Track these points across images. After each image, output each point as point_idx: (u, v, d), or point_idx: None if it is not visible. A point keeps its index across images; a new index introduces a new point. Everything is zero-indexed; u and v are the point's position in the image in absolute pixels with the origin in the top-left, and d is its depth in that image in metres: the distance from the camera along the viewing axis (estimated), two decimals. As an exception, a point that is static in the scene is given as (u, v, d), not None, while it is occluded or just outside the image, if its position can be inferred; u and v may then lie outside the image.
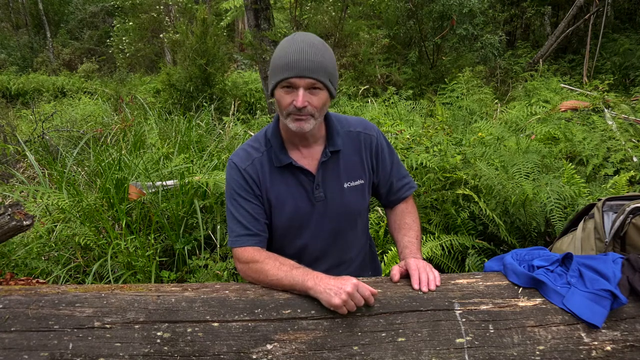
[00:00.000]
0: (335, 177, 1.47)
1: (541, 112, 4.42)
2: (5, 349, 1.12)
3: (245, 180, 1.42)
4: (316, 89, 1.30)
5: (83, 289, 1.29)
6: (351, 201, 1.50)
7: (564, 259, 1.38)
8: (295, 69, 1.27)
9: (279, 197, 1.45)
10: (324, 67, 1.29)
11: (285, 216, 1.46)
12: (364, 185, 1.52)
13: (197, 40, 8.18)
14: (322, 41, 1.34)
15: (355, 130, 1.51)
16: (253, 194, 1.43)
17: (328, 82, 1.32)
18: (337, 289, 1.18)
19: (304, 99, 1.29)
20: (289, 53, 1.28)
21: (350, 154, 1.49)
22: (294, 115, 1.32)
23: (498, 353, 1.16)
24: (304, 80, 1.28)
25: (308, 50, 1.28)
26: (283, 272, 1.28)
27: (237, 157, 1.45)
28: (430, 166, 2.94)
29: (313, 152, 1.46)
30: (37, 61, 17.44)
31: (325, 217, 1.48)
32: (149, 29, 15.29)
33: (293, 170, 1.44)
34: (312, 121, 1.34)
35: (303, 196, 1.45)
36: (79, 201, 3.09)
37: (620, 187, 2.89)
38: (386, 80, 9.25)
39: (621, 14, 11.62)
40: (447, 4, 8.62)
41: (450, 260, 2.76)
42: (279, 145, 1.44)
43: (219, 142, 5.02)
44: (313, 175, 1.45)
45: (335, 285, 1.20)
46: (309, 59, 1.27)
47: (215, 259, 2.86)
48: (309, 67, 1.27)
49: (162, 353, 1.14)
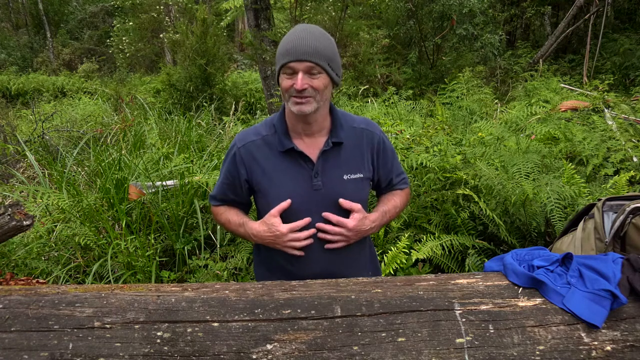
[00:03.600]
0: (335, 168, 1.50)
1: (541, 112, 4.42)
2: (5, 349, 1.12)
3: (234, 160, 1.54)
4: (315, 72, 1.37)
5: (83, 289, 1.29)
6: (349, 192, 1.52)
7: (564, 259, 1.38)
8: (294, 53, 1.35)
9: (277, 181, 1.49)
10: (321, 51, 1.37)
11: (282, 201, 1.48)
12: (363, 179, 1.55)
13: (197, 40, 8.18)
14: (322, 30, 1.42)
15: (359, 127, 1.57)
16: (235, 172, 1.55)
17: (327, 66, 1.39)
18: (271, 227, 1.47)
19: (303, 81, 1.36)
20: (289, 41, 1.37)
21: (352, 148, 1.54)
22: (295, 98, 1.39)
23: (498, 353, 1.16)
24: (302, 64, 1.36)
25: (306, 37, 1.36)
26: (231, 228, 1.61)
27: (243, 133, 1.57)
28: (430, 166, 2.95)
29: (316, 142, 1.51)
30: (37, 61, 17.46)
31: (322, 206, 1.49)
32: (149, 29, 15.30)
33: (294, 155, 1.49)
34: (314, 103, 1.40)
35: (301, 183, 1.48)
36: (79, 201, 3.09)
37: (620, 187, 2.89)
38: (386, 80, 9.25)
39: (621, 14, 11.62)
40: (447, 4, 8.62)
41: (450, 260, 2.76)
42: (283, 130, 1.50)
43: (219, 142, 5.02)
44: (313, 163, 1.49)
45: (269, 226, 1.48)
46: (306, 44, 1.35)
47: (215, 259, 2.86)
48: (306, 52, 1.34)
49: (162, 353, 1.14)
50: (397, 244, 2.65)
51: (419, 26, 9.14)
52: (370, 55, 9.33)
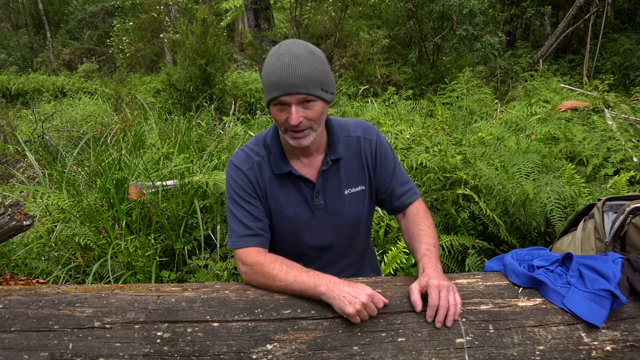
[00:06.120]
0: (336, 185, 1.45)
1: (541, 112, 4.43)
2: (5, 349, 1.12)
3: (245, 182, 1.40)
4: (309, 102, 1.26)
5: (83, 289, 1.29)
6: (352, 208, 1.47)
7: (564, 259, 1.38)
8: (283, 87, 1.22)
9: (279, 204, 1.43)
10: (313, 78, 1.23)
11: (284, 223, 1.44)
12: (365, 191, 1.49)
13: (197, 40, 8.17)
14: (308, 49, 1.27)
15: (355, 135, 1.47)
16: (254, 195, 1.40)
17: (320, 92, 1.26)
18: (352, 298, 1.16)
19: (298, 115, 1.25)
20: (275, 70, 1.23)
21: (350, 160, 1.46)
22: (292, 133, 1.29)
23: (498, 353, 1.16)
24: (294, 97, 1.23)
25: (294, 63, 1.22)
26: (292, 277, 1.24)
27: (238, 158, 1.43)
28: (430, 166, 2.95)
29: (314, 160, 1.44)
30: (37, 61, 17.46)
31: (325, 224, 1.46)
32: (149, 29, 15.30)
33: (293, 178, 1.42)
34: (312, 134, 1.31)
35: (303, 204, 1.44)
36: (79, 201, 3.09)
37: (620, 187, 2.89)
38: (386, 80, 9.25)
39: (621, 14, 11.62)
40: (447, 4, 8.62)
41: (450, 260, 2.76)
42: (278, 152, 1.41)
43: (219, 142, 5.02)
44: (313, 184, 1.43)
45: (350, 293, 1.17)
46: (295, 74, 1.21)
47: (215, 259, 2.86)
48: (297, 83, 1.21)
49: (162, 353, 1.14)
50: (397, 244, 2.65)
51: (419, 26, 9.14)
52: (370, 55, 9.33)
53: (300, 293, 1.24)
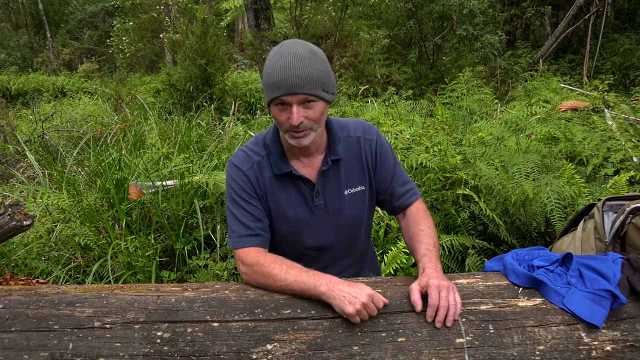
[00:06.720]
0: (336, 185, 1.45)
1: (541, 112, 4.43)
2: (5, 349, 1.12)
3: (245, 182, 1.40)
4: (310, 102, 1.26)
5: (83, 289, 1.29)
6: (352, 208, 1.47)
7: (564, 259, 1.38)
8: (284, 87, 1.22)
9: (279, 204, 1.43)
10: (314, 78, 1.23)
11: (284, 224, 1.44)
12: (365, 191, 1.49)
13: (197, 40, 8.17)
14: (310, 49, 1.27)
15: (355, 136, 1.47)
16: (254, 195, 1.40)
17: (321, 92, 1.26)
18: (352, 298, 1.16)
19: (299, 115, 1.25)
20: (276, 70, 1.23)
21: (350, 161, 1.46)
22: (292, 133, 1.30)
23: (498, 353, 1.16)
24: (295, 97, 1.23)
25: (295, 63, 1.22)
26: (292, 277, 1.24)
27: (238, 158, 1.43)
28: (430, 166, 2.95)
29: (314, 160, 1.44)
30: (37, 61, 17.47)
31: (325, 225, 1.46)
32: (149, 29, 15.31)
33: (293, 178, 1.42)
34: (312, 134, 1.31)
35: (303, 204, 1.44)
36: (79, 201, 3.09)
37: (620, 187, 2.89)
38: (386, 80, 9.25)
39: (621, 14, 11.62)
40: (447, 4, 8.62)
41: (450, 260, 2.76)
42: (278, 153, 1.42)
43: (219, 142, 5.02)
44: (313, 184, 1.43)
45: (350, 293, 1.17)
46: (296, 74, 1.21)
47: (215, 259, 2.86)
48: (298, 83, 1.21)
49: (162, 353, 1.14)
50: (397, 244, 2.65)
51: (419, 26, 9.14)
52: (370, 55, 9.33)
53: (300, 293, 1.24)
